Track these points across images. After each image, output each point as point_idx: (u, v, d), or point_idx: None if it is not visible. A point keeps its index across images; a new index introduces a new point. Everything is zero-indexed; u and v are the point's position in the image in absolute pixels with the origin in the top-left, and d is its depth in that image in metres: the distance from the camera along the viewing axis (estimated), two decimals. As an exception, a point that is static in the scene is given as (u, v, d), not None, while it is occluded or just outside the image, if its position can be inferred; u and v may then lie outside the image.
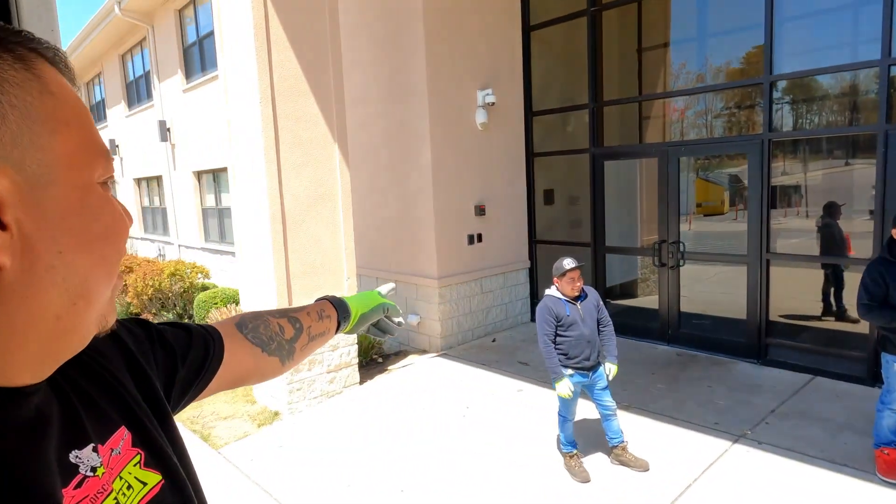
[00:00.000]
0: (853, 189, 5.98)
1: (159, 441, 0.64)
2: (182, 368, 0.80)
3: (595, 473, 3.67)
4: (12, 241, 0.43)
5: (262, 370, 0.97)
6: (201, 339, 0.85)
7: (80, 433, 0.55)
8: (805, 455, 3.71)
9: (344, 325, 1.16)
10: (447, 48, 6.16)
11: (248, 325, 0.97)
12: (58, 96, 0.47)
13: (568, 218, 7.39)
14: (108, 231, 0.51)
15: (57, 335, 0.48)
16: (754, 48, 5.31)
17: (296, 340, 1.03)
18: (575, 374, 3.65)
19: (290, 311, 1.07)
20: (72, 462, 0.53)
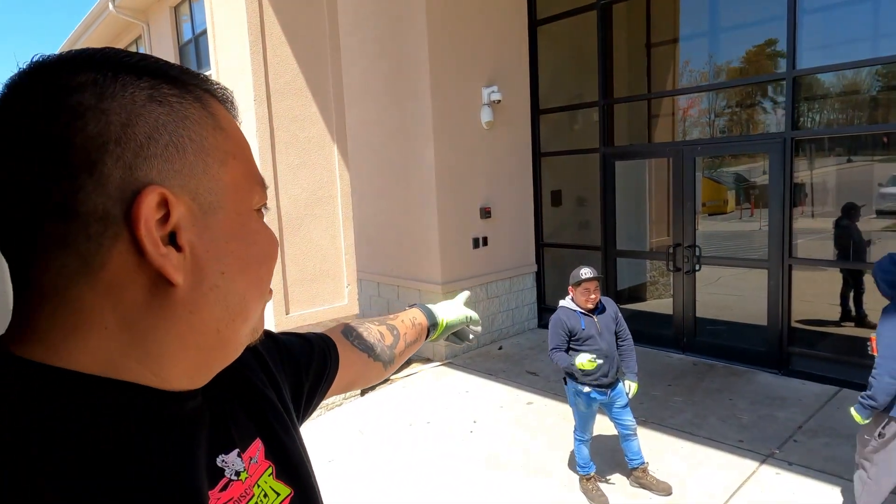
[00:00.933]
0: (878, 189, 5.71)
1: (292, 453, 0.67)
2: (307, 380, 0.83)
3: (613, 497, 3.42)
4: (185, 262, 0.47)
5: (368, 375, 1.02)
6: (321, 349, 0.89)
7: (227, 439, 0.59)
8: (840, 478, 3.45)
9: (432, 334, 1.22)
10: (450, 43, 5.90)
11: (353, 333, 1.02)
12: (227, 131, 0.53)
13: (576, 220, 7.13)
14: (263, 254, 0.55)
15: (215, 347, 0.53)
16: (775, 42, 5.04)
17: (395, 346, 1.08)
18: (592, 391, 3.39)
19: (387, 318, 1.13)
20: (218, 466, 0.56)
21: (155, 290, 0.46)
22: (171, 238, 0.47)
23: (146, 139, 0.45)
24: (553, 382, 5.12)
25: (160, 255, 0.45)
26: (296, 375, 0.80)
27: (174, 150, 0.47)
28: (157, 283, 0.46)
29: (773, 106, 5.34)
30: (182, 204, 0.47)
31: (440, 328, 1.22)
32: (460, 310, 1.27)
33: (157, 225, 0.45)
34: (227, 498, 0.56)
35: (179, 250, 0.47)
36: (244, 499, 0.58)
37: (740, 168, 8.35)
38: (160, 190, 0.45)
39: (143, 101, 0.46)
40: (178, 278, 0.46)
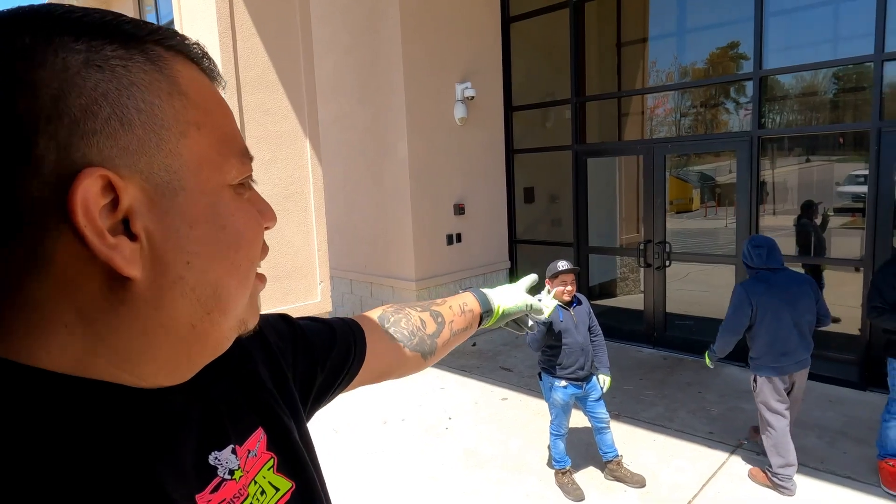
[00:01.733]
0: (840, 187, 5.89)
1: (295, 445, 0.63)
2: (321, 370, 0.77)
3: (588, 490, 3.45)
4: (142, 253, 0.42)
5: (404, 366, 0.95)
6: (344, 338, 0.82)
7: (221, 434, 0.54)
8: (805, 466, 3.54)
9: (486, 321, 1.10)
10: (424, 38, 5.86)
11: (390, 319, 0.94)
12: (189, 96, 0.45)
13: (549, 217, 7.19)
14: (240, 238, 0.49)
15: (192, 342, 0.48)
16: (742, 43, 5.15)
17: (437, 335, 0.99)
18: (569, 385, 3.41)
19: (433, 304, 1.04)
20: (210, 464, 0.52)
21: (112, 284, 0.42)
22: (126, 226, 0.41)
23: (81, 113, 0.39)
24: (527, 378, 5.15)
25: (107, 247, 0.40)
26: (309, 364, 0.75)
27: (118, 124, 0.41)
28: (113, 277, 0.41)
29: (741, 105, 5.47)
30: (133, 186, 0.41)
31: (495, 315, 1.10)
32: (520, 296, 1.14)
33: (103, 212, 0.40)
34: (219, 499, 0.51)
35: (134, 239, 0.42)
36: (238, 499, 0.54)
37: (705, 167, 8.53)
38: (101, 172, 0.39)
39: (77, 68, 0.39)
40: (132, 271, 0.41)
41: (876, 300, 3.18)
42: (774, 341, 3.24)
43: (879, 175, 4.42)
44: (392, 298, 6.21)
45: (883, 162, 4.40)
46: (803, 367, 3.33)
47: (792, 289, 3.25)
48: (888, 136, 4.38)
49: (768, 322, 3.23)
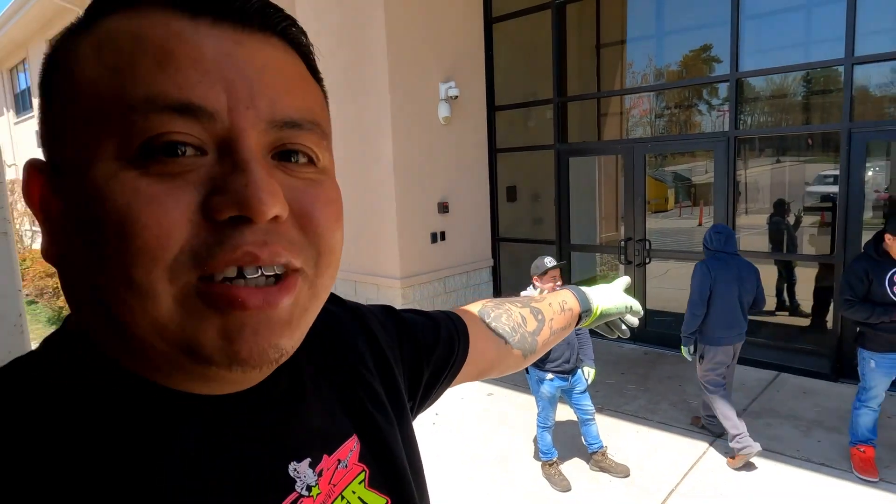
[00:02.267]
0: (811, 186, 6.08)
1: (392, 456, 0.56)
2: (427, 367, 0.70)
3: (575, 481, 3.53)
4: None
5: (504, 363, 0.89)
6: (448, 333, 0.75)
7: (303, 442, 0.48)
8: (782, 455, 3.68)
9: (584, 321, 1.04)
10: (409, 37, 5.90)
11: (491, 314, 0.89)
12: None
13: (531, 215, 7.27)
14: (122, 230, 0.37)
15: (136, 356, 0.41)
16: (719, 45, 5.29)
17: (538, 333, 0.94)
18: (555, 378, 3.49)
19: (532, 300, 0.98)
20: (290, 476, 0.46)
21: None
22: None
23: None
24: (513, 374, 5.21)
25: None
26: (415, 361, 0.69)
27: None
28: None
29: (717, 106, 5.62)
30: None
31: (594, 315, 1.04)
32: (619, 297, 1.07)
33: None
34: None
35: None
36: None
37: (680, 167, 8.71)
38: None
39: None
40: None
41: (847, 293, 3.31)
42: (724, 315, 3.64)
43: (850, 175, 4.59)
44: (377, 297, 6.23)
45: (853, 162, 4.57)
46: (741, 341, 3.77)
47: (741, 273, 3.68)
48: (857, 136, 4.55)
49: (720, 298, 3.63)
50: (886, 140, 4.85)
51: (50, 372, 0.41)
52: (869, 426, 3.41)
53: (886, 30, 4.60)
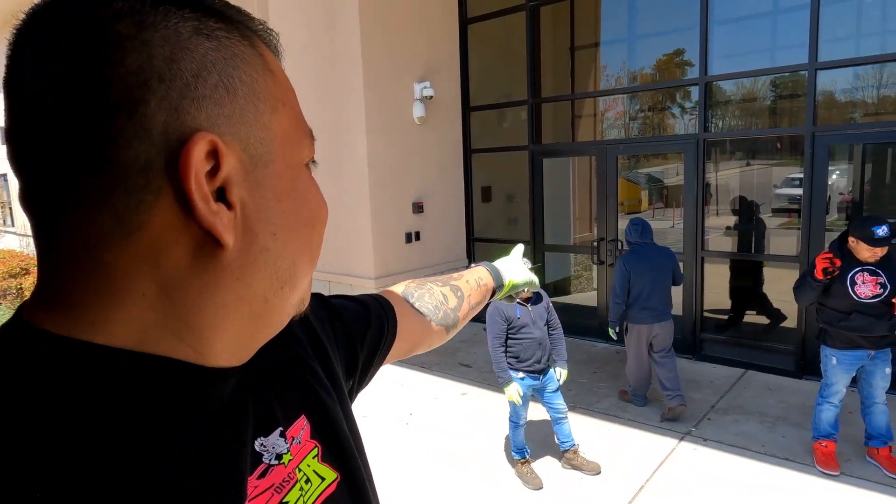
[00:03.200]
0: (778, 188, 6.23)
1: (341, 434, 0.61)
2: (362, 349, 0.76)
3: (547, 479, 3.56)
4: (235, 221, 0.42)
5: (430, 340, 0.96)
6: (377, 315, 0.81)
7: (269, 418, 0.53)
8: (748, 450, 3.77)
9: (497, 294, 1.13)
10: (383, 37, 5.89)
11: (415, 294, 0.95)
12: (276, 75, 0.47)
13: (505, 215, 7.31)
14: (315, 215, 0.50)
15: (261, 318, 0.47)
16: (688, 49, 5.39)
17: (458, 309, 1.00)
18: (526, 377, 3.52)
19: (451, 278, 1.05)
20: (256, 450, 0.51)
21: (200, 253, 0.41)
22: (219, 194, 0.41)
23: (193, 77, 0.39)
24: (486, 373, 5.24)
25: (211, 213, 0.40)
26: (349, 344, 0.73)
27: (224, 92, 0.41)
28: (202, 245, 0.41)
29: (688, 109, 5.72)
30: (233, 155, 0.41)
31: (506, 288, 1.13)
32: (524, 270, 1.18)
33: (206, 178, 0.40)
34: (266, 485, 0.50)
35: (230, 207, 0.42)
36: (287, 484, 0.52)
37: (653, 169, 8.85)
38: (210, 137, 0.39)
39: (188, 34, 0.40)
40: (228, 239, 0.41)
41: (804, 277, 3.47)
42: (639, 300, 4.22)
43: (813, 177, 4.72)
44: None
45: (816, 164, 4.70)
46: (662, 321, 4.26)
47: (656, 259, 4.23)
48: (821, 140, 4.68)
49: (636, 286, 4.19)
50: (848, 143, 5.00)
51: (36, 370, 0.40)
52: (831, 421, 3.51)
53: (847, 37, 4.75)
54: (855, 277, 3.29)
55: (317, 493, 0.55)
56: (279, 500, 0.51)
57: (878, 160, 5.60)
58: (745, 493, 3.32)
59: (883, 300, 3.26)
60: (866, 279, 3.27)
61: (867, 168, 5.65)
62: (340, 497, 0.58)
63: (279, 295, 0.47)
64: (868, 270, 3.28)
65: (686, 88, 5.63)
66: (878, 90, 4.86)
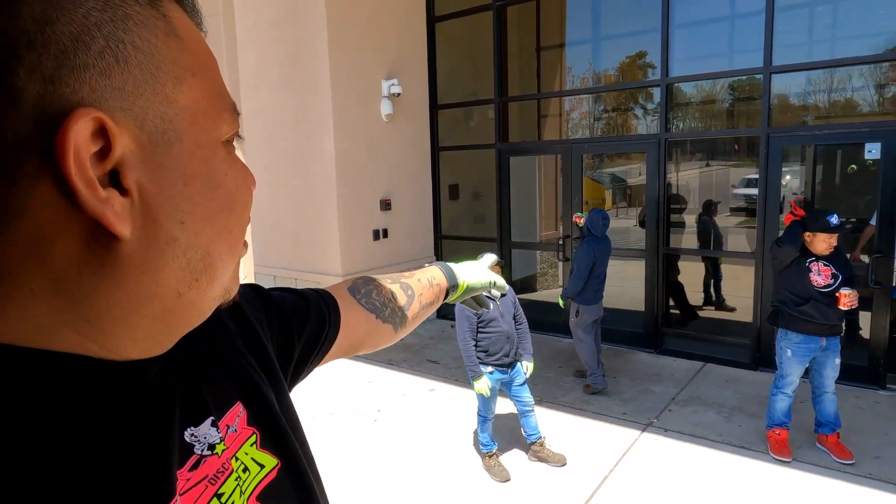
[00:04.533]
0: (735, 188, 6.45)
1: (278, 420, 0.59)
2: (298, 342, 0.73)
3: (514, 471, 3.62)
4: (132, 209, 0.37)
5: (376, 338, 0.92)
6: (318, 309, 0.78)
7: (199, 407, 0.51)
8: (706, 439, 3.90)
9: (451, 295, 1.08)
10: (351, 33, 5.86)
11: (361, 290, 0.91)
12: (185, 41, 0.41)
13: (472, 213, 7.37)
14: (233, 200, 0.45)
15: (175, 313, 0.43)
16: (651, 52, 5.54)
17: (408, 308, 0.97)
18: (495, 370, 3.57)
19: (401, 276, 1.01)
20: (187, 441, 0.48)
21: (94, 244, 0.36)
22: (112, 178, 0.36)
23: (72, 42, 0.34)
24: (453, 370, 5.28)
25: (98, 200, 0.35)
26: (285, 335, 0.71)
27: (113, 60, 0.35)
28: (96, 235, 0.36)
29: (650, 109, 5.87)
30: (126, 133, 0.36)
31: (460, 290, 1.08)
32: (484, 273, 1.12)
33: (93, 160, 0.35)
34: (199, 476, 0.47)
35: (124, 194, 0.37)
36: (222, 475, 0.49)
37: (616, 169, 9.04)
38: (95, 114, 0.34)
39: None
40: (123, 230, 0.36)
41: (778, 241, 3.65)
42: (595, 284, 4.66)
43: (768, 176, 4.90)
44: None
45: (771, 164, 4.88)
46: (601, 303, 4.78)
47: (609, 250, 4.74)
48: (774, 141, 4.87)
49: (598, 270, 4.63)
50: (799, 144, 5.21)
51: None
52: (784, 410, 3.66)
53: (799, 43, 4.95)
54: (811, 266, 3.46)
55: (256, 480, 0.53)
56: (214, 491, 0.48)
57: (827, 161, 5.86)
58: (704, 480, 3.44)
59: (833, 290, 3.43)
60: (821, 269, 3.44)
61: (818, 169, 5.91)
62: (281, 484, 0.55)
63: (195, 288, 0.43)
64: (821, 262, 3.45)
65: (649, 90, 5.78)
66: (829, 94, 5.08)
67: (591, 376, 4.70)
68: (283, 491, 0.55)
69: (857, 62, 4.75)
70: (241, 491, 0.51)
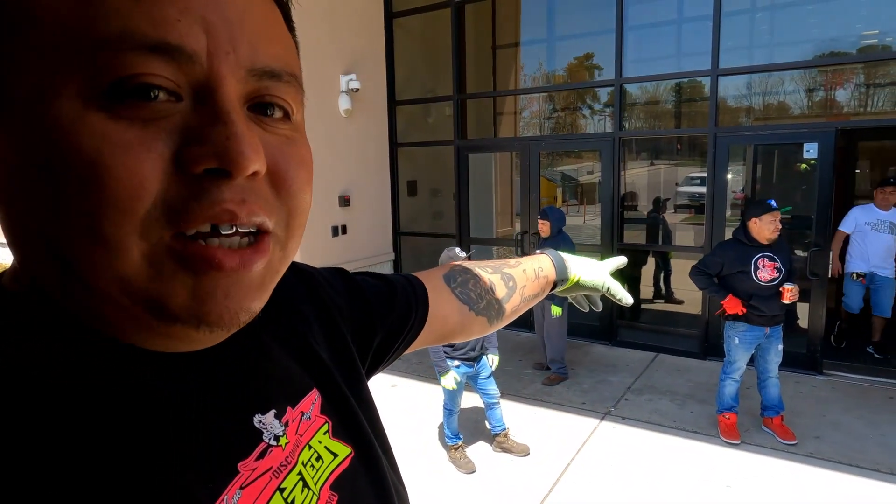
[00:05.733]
0: (680, 187, 6.72)
1: (352, 408, 0.57)
2: (380, 332, 0.69)
3: (479, 463, 3.68)
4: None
5: (468, 329, 0.87)
6: (405, 298, 0.74)
7: (264, 395, 0.48)
8: (661, 426, 4.07)
9: (559, 287, 1.00)
10: (307, 26, 5.78)
11: (458, 279, 0.85)
12: None
13: (431, 209, 7.40)
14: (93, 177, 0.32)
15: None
16: (606, 52, 5.70)
17: (507, 300, 0.90)
18: (461, 364, 3.61)
19: (506, 265, 0.93)
20: (256, 427, 0.45)
21: None
22: None
23: None
24: (415, 364, 5.31)
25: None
26: (367, 324, 0.68)
27: None
28: None
29: (605, 109, 6.05)
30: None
31: (569, 283, 0.99)
32: (601, 274, 1.00)
33: None
34: (265, 467, 0.45)
35: None
36: (285, 469, 0.47)
37: (568, 168, 9.24)
38: None
39: None
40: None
41: (702, 265, 3.81)
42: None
43: (715, 175, 5.14)
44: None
45: (717, 163, 5.12)
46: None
47: (572, 246, 4.82)
48: (721, 140, 5.11)
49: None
50: (744, 144, 5.49)
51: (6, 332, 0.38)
52: (732, 395, 3.87)
53: (744, 46, 5.21)
54: (757, 262, 3.65)
55: (329, 470, 0.51)
56: (277, 485, 0.46)
57: (766, 161, 6.20)
58: (660, 465, 3.60)
59: (778, 285, 3.63)
60: (766, 264, 3.64)
61: (758, 168, 6.24)
62: (354, 472, 0.54)
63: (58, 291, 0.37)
64: (767, 256, 3.65)
65: (603, 89, 5.95)
66: (770, 97, 5.37)
67: (560, 368, 4.88)
68: (356, 479, 0.54)
69: (798, 66, 5.04)
70: (304, 483, 0.48)
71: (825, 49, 5.00)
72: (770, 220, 3.58)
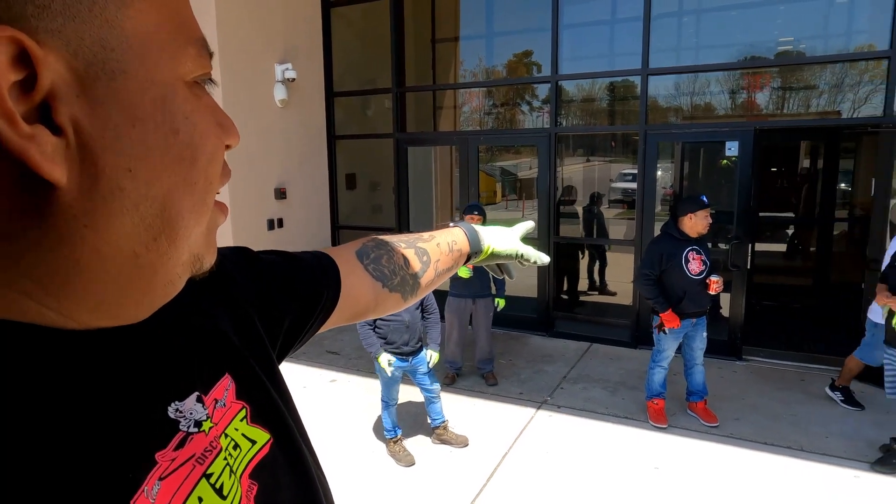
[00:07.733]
0: (613, 183, 6.95)
1: (268, 393, 0.55)
2: (289, 315, 0.67)
3: (419, 455, 3.69)
4: (68, 150, 0.32)
5: (381, 306, 0.86)
6: (315, 276, 0.72)
7: (182, 381, 0.46)
8: (595, 412, 4.21)
9: (473, 259, 1.00)
10: (240, 14, 5.58)
11: (371, 255, 0.83)
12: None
13: (370, 203, 7.34)
14: (196, 149, 0.39)
15: (136, 276, 0.38)
16: (543, 49, 5.81)
17: (422, 275, 0.90)
18: (395, 359, 3.60)
19: (419, 239, 0.93)
20: (171, 418, 0.43)
21: (28, 193, 0.32)
22: (43, 113, 0.31)
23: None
24: (354, 360, 5.25)
25: (21, 137, 0.30)
26: (275, 304, 0.65)
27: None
28: (28, 180, 0.31)
29: (542, 105, 6.17)
30: (56, 59, 0.31)
31: (484, 254, 0.99)
32: (513, 241, 1.01)
33: (14, 91, 0.30)
34: (185, 456, 0.43)
35: (58, 133, 0.32)
36: (210, 454, 0.45)
37: (507, 163, 9.36)
38: (11, 33, 0.29)
39: None
40: (54, 173, 0.31)
41: (646, 269, 3.88)
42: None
43: (645, 171, 5.34)
44: (207, 287, 5.84)
45: (647, 160, 5.32)
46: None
47: None
48: (651, 137, 5.31)
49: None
50: (672, 141, 5.72)
51: None
52: (661, 382, 4.04)
53: (673, 48, 5.43)
54: (688, 255, 3.81)
55: (248, 457, 0.50)
56: (202, 471, 0.44)
57: (693, 158, 6.49)
58: (594, 450, 3.72)
59: (704, 277, 3.82)
60: (694, 257, 3.81)
61: (686, 164, 6.53)
62: (273, 459, 0.52)
63: (154, 249, 0.38)
64: (695, 250, 3.82)
65: (540, 85, 6.06)
66: (696, 97, 5.63)
67: (491, 362, 4.84)
68: (276, 466, 0.52)
69: (721, 68, 5.31)
70: (231, 470, 0.47)
71: (747, 53, 5.28)
72: (704, 216, 3.76)
